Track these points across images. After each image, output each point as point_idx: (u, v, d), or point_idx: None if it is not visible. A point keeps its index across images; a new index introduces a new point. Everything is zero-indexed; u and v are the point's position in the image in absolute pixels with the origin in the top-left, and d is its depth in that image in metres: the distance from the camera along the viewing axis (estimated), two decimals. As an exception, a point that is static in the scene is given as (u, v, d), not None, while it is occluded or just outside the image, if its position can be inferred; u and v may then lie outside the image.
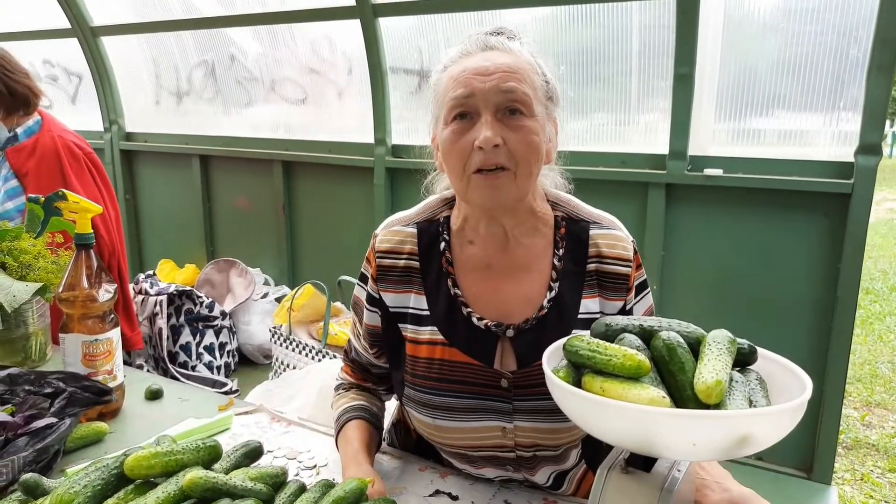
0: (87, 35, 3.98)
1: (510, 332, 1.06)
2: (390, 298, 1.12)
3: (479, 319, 1.07)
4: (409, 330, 1.11)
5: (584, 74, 2.72)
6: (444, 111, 1.02)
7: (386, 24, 3.06)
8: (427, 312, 1.10)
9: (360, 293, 1.18)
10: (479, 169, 0.99)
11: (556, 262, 1.08)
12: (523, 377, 1.05)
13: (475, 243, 1.11)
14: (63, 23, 3.97)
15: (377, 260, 1.13)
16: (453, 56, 1.06)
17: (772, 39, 2.38)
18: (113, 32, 3.96)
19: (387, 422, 1.41)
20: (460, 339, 1.07)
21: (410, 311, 1.11)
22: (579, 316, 1.07)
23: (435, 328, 1.09)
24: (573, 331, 1.04)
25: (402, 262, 1.12)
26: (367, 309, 1.16)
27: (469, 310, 1.08)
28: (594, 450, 1.16)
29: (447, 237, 1.12)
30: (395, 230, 1.15)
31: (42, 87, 2.18)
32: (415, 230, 1.14)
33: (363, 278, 1.17)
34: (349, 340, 1.26)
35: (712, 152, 2.54)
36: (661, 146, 2.59)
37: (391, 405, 1.33)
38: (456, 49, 1.07)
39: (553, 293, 1.07)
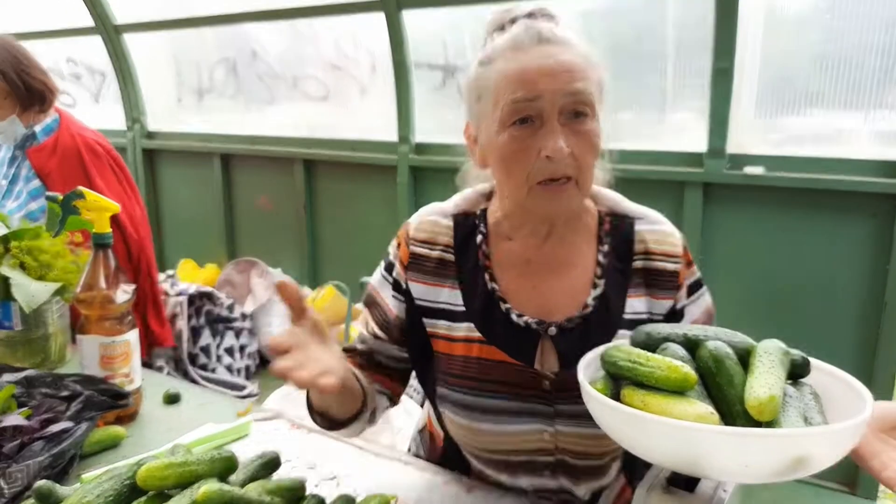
0: (111, 33, 4.00)
1: (552, 331, 1.00)
2: (418, 290, 1.07)
3: (519, 316, 1.01)
4: (440, 326, 1.05)
5: (615, 70, 2.65)
6: (501, 113, 0.93)
7: (410, 19, 3.02)
8: (462, 308, 1.04)
9: (380, 281, 1.12)
10: (544, 179, 0.93)
11: (600, 258, 1.03)
12: (566, 378, 0.99)
13: (514, 239, 1.06)
14: (87, 21, 4.00)
15: (410, 248, 1.08)
16: (500, 47, 0.96)
17: (814, 34, 2.31)
18: (136, 30, 3.99)
19: (412, 429, 1.35)
20: (499, 337, 1.02)
21: (443, 306, 1.06)
22: (625, 316, 1.02)
23: (471, 325, 1.03)
24: (618, 331, 1.00)
25: (437, 253, 1.07)
26: (392, 296, 1.09)
27: (507, 306, 1.02)
28: (634, 463, 1.09)
29: (484, 231, 1.07)
30: (431, 220, 1.09)
31: (62, 85, 2.17)
32: (451, 223, 1.09)
33: (389, 266, 1.11)
34: (358, 335, 1.17)
35: (752, 150, 2.45)
36: (698, 144, 2.51)
37: (415, 410, 1.29)
38: (503, 39, 0.96)
39: (598, 290, 1.02)
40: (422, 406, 1.14)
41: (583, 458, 1.03)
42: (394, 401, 1.17)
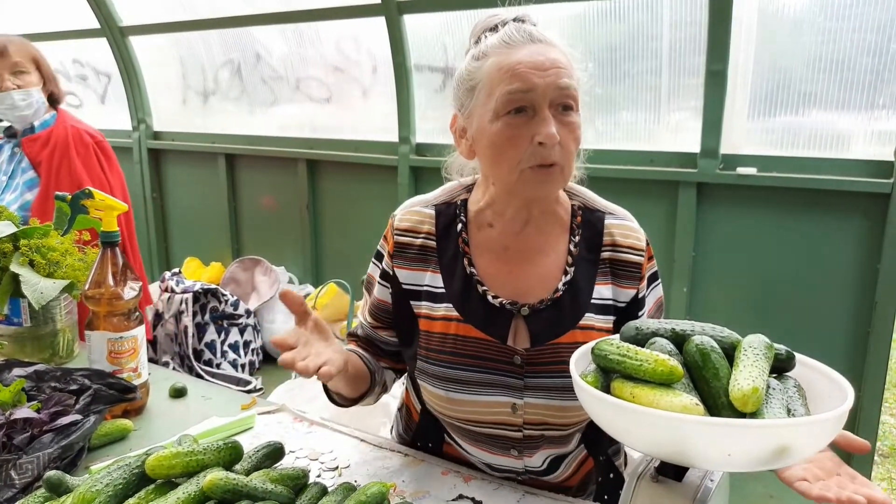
0: (116, 35, 4.04)
1: (525, 311, 1.08)
2: (404, 275, 1.15)
3: (494, 297, 1.09)
4: (423, 307, 1.13)
5: (612, 72, 2.68)
6: (496, 104, 1.01)
7: (411, 22, 3.05)
8: (443, 290, 1.13)
9: (373, 270, 1.22)
10: (535, 164, 1.00)
11: (571, 248, 1.12)
12: (536, 355, 1.07)
13: (494, 226, 1.13)
14: (92, 23, 4.03)
15: (395, 237, 1.16)
16: (494, 44, 1.04)
17: (807, 36, 2.32)
18: (141, 32, 4.02)
19: (393, 408, 1.42)
20: (475, 316, 1.10)
21: (425, 288, 1.14)
22: (592, 301, 1.10)
23: (450, 305, 1.11)
24: (585, 314, 1.08)
25: (419, 241, 1.15)
26: (378, 284, 1.19)
27: (484, 288, 1.10)
28: (595, 435, 1.16)
29: (464, 219, 1.15)
30: (414, 210, 1.18)
31: (68, 87, 2.35)
32: (433, 212, 1.17)
33: (378, 256, 1.21)
34: (358, 320, 1.28)
35: (745, 151, 2.48)
36: (692, 144, 2.54)
37: (397, 391, 1.33)
38: (496, 38, 1.04)
39: (568, 277, 1.10)
40: (410, 376, 1.22)
41: (548, 428, 1.10)
42: (399, 374, 1.28)
